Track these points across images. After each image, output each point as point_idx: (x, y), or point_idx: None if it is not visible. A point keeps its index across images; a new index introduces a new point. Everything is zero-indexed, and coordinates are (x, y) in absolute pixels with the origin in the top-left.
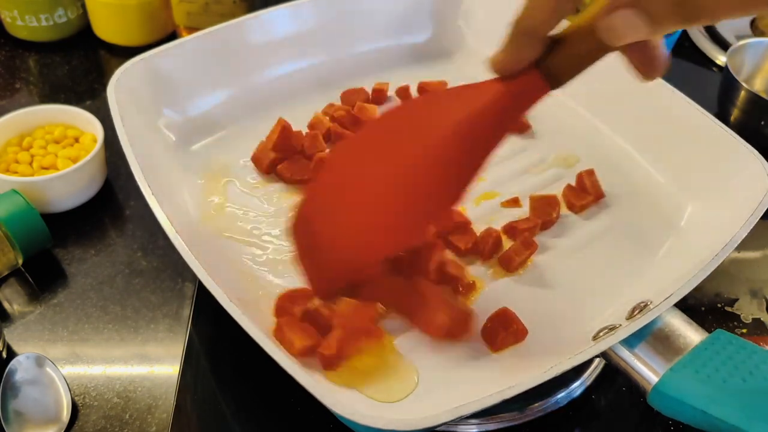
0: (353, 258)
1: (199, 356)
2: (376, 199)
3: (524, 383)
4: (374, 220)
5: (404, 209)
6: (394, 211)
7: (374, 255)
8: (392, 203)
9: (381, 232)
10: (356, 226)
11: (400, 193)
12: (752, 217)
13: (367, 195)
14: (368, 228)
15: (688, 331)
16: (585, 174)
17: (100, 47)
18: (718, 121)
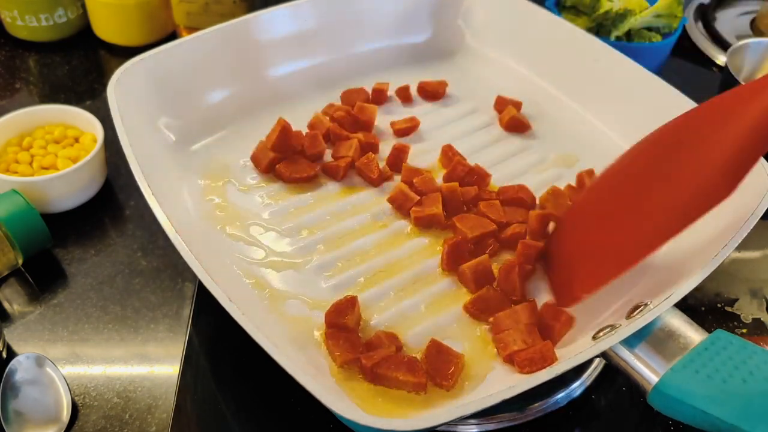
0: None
1: (199, 356)
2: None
3: (524, 383)
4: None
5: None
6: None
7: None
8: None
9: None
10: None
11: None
12: (752, 217)
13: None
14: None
15: (688, 331)
16: (585, 174)
17: (100, 47)
18: None
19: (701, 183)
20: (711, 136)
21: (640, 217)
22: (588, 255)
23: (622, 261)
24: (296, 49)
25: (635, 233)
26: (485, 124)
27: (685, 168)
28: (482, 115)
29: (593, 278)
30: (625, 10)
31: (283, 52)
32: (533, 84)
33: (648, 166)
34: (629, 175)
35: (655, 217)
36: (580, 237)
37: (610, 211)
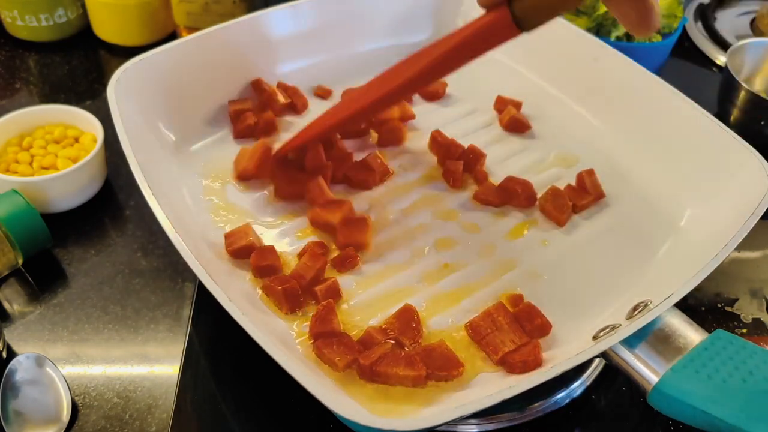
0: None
1: (199, 356)
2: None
3: (524, 383)
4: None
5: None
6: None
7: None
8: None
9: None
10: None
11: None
12: (752, 217)
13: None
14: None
15: (688, 331)
16: (585, 174)
17: (100, 47)
18: (718, 121)
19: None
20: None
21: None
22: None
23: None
24: (296, 49)
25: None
26: (485, 124)
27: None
28: (482, 115)
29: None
30: None
31: (283, 52)
32: (533, 84)
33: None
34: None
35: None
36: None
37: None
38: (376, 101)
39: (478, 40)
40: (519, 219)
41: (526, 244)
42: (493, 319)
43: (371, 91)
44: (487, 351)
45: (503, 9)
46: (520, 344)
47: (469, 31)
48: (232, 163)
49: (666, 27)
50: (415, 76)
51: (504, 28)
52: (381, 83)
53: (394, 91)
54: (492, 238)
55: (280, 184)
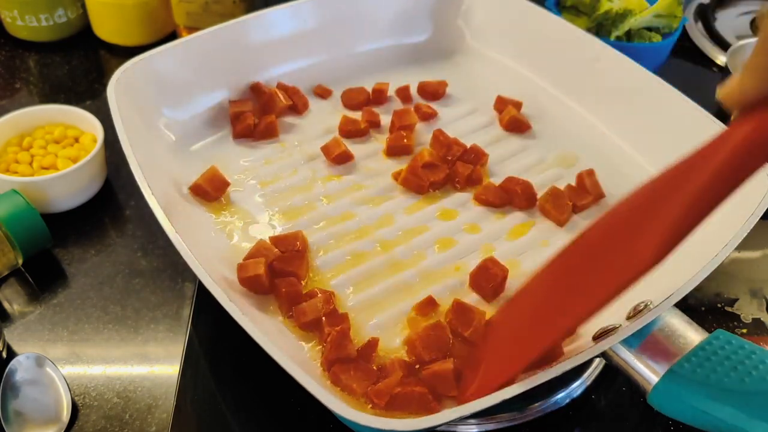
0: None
1: (199, 356)
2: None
3: (524, 383)
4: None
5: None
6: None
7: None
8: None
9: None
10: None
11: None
12: (752, 217)
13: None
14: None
15: (688, 331)
16: (585, 174)
17: (100, 47)
18: (718, 121)
19: (628, 262)
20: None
21: (562, 304)
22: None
23: (534, 345)
24: (296, 49)
25: (554, 316)
26: (485, 124)
27: (613, 258)
28: (482, 115)
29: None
30: (625, 10)
31: (283, 52)
32: (533, 84)
33: (578, 261)
34: (560, 273)
35: (578, 299)
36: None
37: (538, 305)
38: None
39: (739, 164)
40: (519, 219)
41: (526, 244)
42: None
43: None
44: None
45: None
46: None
47: (725, 156)
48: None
49: (666, 27)
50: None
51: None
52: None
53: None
54: (492, 237)
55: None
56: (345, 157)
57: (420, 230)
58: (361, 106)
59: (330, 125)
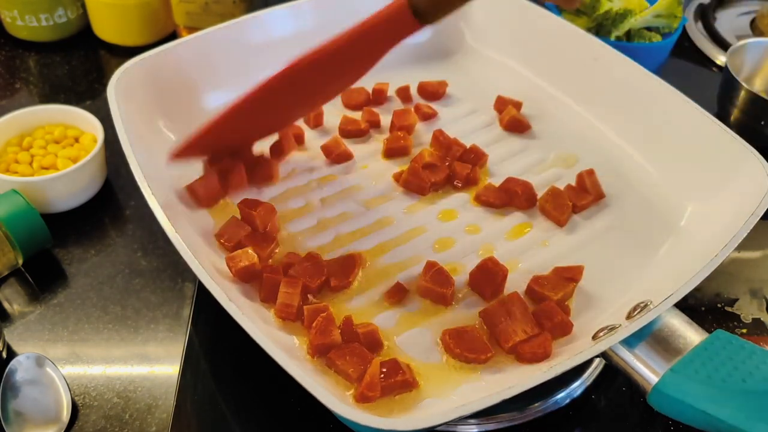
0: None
1: (199, 356)
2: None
3: (524, 383)
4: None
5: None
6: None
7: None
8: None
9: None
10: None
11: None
12: (752, 217)
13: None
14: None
15: (688, 331)
16: (585, 174)
17: (100, 47)
18: (718, 121)
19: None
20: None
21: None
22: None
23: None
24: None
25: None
26: (485, 124)
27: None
28: (482, 115)
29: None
30: (625, 10)
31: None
32: (533, 84)
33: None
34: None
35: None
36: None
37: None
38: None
39: (377, 33)
40: (519, 219)
41: (526, 244)
42: (507, 308)
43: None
44: (499, 339)
45: (401, 5)
46: (532, 335)
47: (368, 24)
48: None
49: (666, 27)
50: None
51: (403, 21)
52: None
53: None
54: (492, 238)
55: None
56: (344, 157)
57: (420, 231)
58: (361, 106)
59: (330, 125)
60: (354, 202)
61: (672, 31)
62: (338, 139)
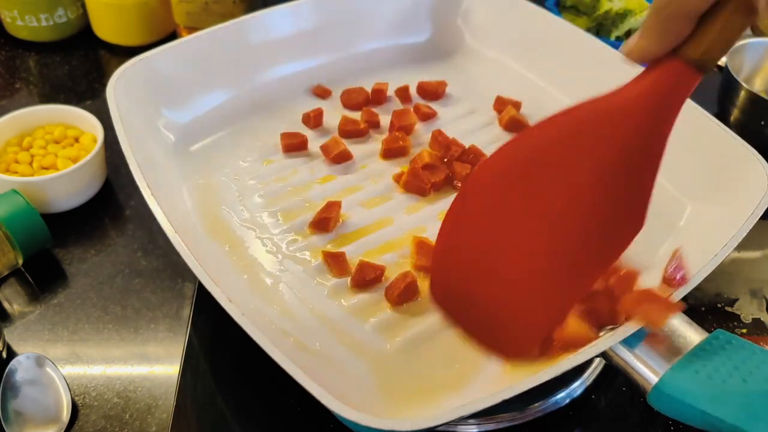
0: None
1: (199, 356)
2: (533, 258)
3: (524, 383)
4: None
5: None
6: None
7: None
8: (552, 261)
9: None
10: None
11: (559, 251)
12: (752, 217)
13: (521, 254)
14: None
15: (688, 331)
16: None
17: (100, 47)
18: (717, 121)
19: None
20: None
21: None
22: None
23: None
24: (296, 49)
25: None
26: (485, 124)
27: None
28: (482, 115)
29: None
30: (625, 10)
31: (283, 52)
32: (533, 84)
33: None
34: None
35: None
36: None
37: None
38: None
39: (656, 119)
40: None
41: None
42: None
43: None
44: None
45: (674, 61)
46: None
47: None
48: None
49: None
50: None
51: (683, 82)
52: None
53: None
54: None
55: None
56: (344, 157)
57: (420, 231)
58: (360, 106)
59: (330, 126)
60: (353, 203)
61: None
62: (338, 139)
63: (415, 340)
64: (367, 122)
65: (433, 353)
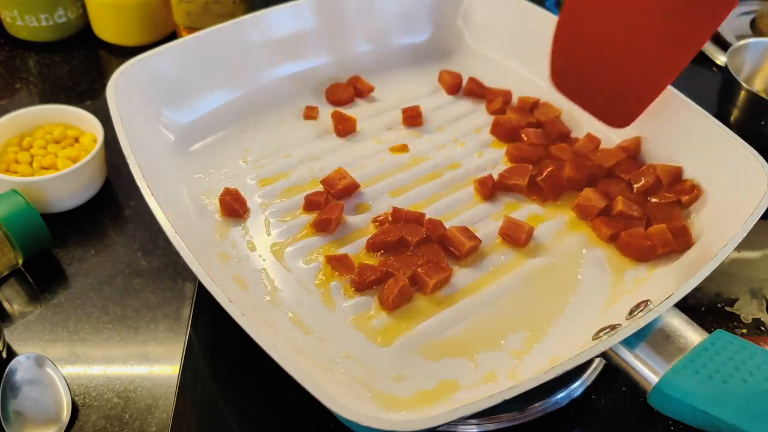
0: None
1: (199, 356)
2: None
3: (524, 383)
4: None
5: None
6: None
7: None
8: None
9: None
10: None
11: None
12: (752, 217)
13: (632, 33)
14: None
15: (688, 331)
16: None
17: (100, 47)
18: (717, 121)
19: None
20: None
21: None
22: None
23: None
24: (296, 49)
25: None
26: (485, 124)
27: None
28: (482, 115)
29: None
30: None
31: (283, 52)
32: (533, 84)
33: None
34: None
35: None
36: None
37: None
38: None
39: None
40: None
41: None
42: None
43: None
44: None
45: None
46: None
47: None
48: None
49: None
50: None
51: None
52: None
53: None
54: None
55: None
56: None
57: None
58: (346, 102)
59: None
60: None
61: None
62: (342, 170)
63: (415, 340)
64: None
65: (433, 353)
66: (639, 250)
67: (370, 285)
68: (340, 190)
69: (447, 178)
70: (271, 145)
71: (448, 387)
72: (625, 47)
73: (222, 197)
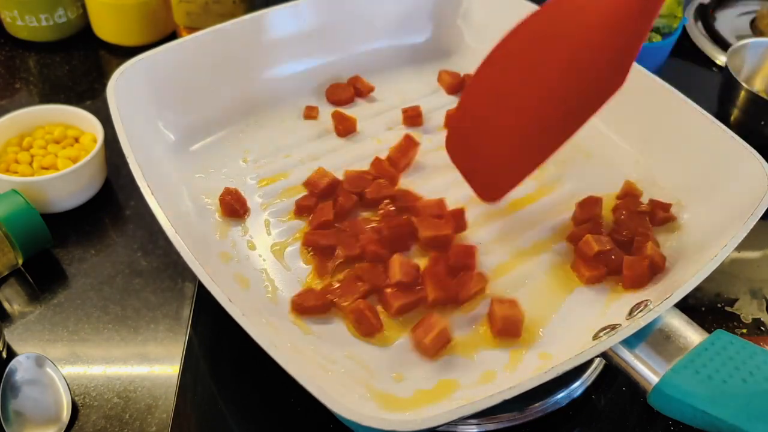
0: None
1: (199, 356)
2: (530, 113)
3: (524, 383)
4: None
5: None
6: (547, 121)
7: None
8: (543, 116)
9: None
10: (517, 136)
11: (550, 107)
12: (752, 217)
13: (521, 110)
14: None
15: (688, 331)
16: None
17: (100, 47)
18: (717, 121)
19: (593, 77)
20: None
21: (538, 112)
22: (495, 150)
23: (528, 163)
24: (296, 49)
25: (538, 128)
26: None
27: (570, 62)
28: None
29: (503, 181)
30: None
31: (283, 52)
32: None
33: (534, 55)
34: (516, 61)
35: (555, 112)
36: (483, 125)
37: (507, 99)
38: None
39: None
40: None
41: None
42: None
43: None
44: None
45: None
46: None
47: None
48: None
49: (666, 27)
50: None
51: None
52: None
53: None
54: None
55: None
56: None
57: None
58: (346, 102)
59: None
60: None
61: (672, 31)
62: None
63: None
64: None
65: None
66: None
67: (309, 313)
68: (323, 189)
69: None
70: (271, 145)
71: (447, 387)
72: (511, 123)
73: (222, 197)
